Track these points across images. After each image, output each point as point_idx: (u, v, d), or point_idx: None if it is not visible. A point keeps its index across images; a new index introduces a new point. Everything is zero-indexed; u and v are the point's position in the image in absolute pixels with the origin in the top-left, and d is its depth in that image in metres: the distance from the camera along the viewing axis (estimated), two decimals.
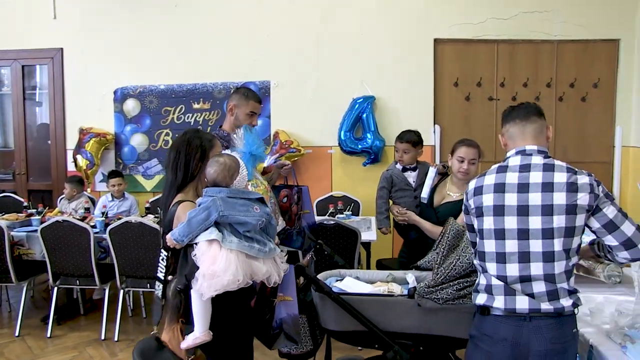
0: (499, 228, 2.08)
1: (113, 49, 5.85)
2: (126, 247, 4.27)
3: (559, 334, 2.05)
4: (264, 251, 2.31)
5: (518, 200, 2.05)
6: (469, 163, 3.35)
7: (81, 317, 4.98)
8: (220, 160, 2.37)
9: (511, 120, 2.24)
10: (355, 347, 3.98)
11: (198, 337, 2.30)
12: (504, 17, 5.55)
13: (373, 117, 5.63)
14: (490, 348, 2.13)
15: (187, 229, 2.25)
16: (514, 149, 2.19)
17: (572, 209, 2.00)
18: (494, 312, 2.11)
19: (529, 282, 2.04)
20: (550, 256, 2.02)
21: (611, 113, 5.68)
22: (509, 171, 2.12)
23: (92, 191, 5.87)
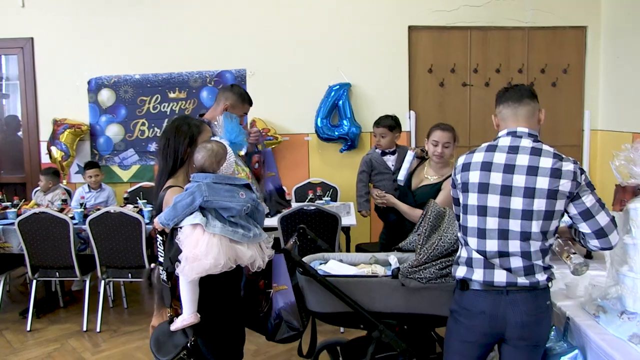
0: (482, 205, 2.16)
1: (86, 39, 5.76)
2: (106, 237, 4.26)
3: (534, 306, 2.15)
4: (248, 236, 2.36)
5: (502, 180, 2.11)
6: (442, 146, 3.42)
7: (61, 310, 4.94)
8: (207, 147, 2.42)
9: (504, 101, 2.29)
10: (338, 330, 4.07)
11: (186, 319, 2.36)
12: (476, 4, 5.65)
13: (349, 103, 5.69)
14: (469, 321, 2.22)
15: (173, 213, 2.30)
16: (506, 129, 2.25)
17: (553, 194, 2.07)
18: (472, 286, 2.20)
19: (507, 257, 2.13)
20: (527, 236, 2.11)
21: (580, 98, 5.84)
22: (498, 151, 2.18)
23: (67, 183, 5.81)
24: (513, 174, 2.11)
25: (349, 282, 2.69)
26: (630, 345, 1.99)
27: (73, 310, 4.90)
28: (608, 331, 2.11)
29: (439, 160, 3.47)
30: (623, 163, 2.17)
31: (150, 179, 5.85)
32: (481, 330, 2.22)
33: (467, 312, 2.23)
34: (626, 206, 2.20)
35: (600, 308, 2.22)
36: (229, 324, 2.55)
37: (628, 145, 2.17)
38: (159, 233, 2.43)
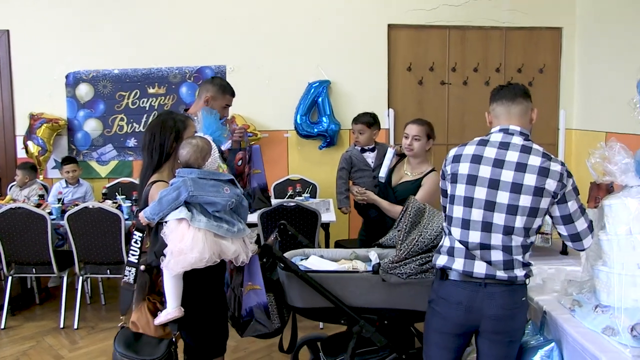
0: (468, 196, 2.21)
1: (64, 32, 5.67)
2: (85, 233, 4.22)
3: (510, 300, 2.19)
4: (233, 231, 2.38)
5: (491, 174, 2.17)
6: (412, 139, 3.48)
7: (36, 307, 4.88)
8: (192, 142, 2.43)
9: (498, 99, 2.32)
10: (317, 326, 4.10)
11: (170, 313, 2.38)
12: (455, 3, 5.71)
13: (328, 101, 5.71)
14: (445, 311, 2.27)
15: (158, 208, 2.32)
16: (498, 126, 2.29)
17: (539, 191, 2.13)
18: (451, 276, 2.24)
19: (488, 250, 2.18)
20: (510, 230, 2.16)
21: (555, 97, 5.95)
22: (489, 145, 2.23)
23: (44, 178, 5.72)
24: (502, 168, 2.16)
25: (330, 278, 2.72)
26: (603, 337, 2.05)
27: (49, 307, 4.84)
28: (583, 324, 2.18)
29: (409, 153, 3.53)
30: (598, 161, 2.23)
31: (128, 174, 5.80)
32: (456, 321, 2.26)
33: (444, 301, 2.27)
34: (600, 203, 2.27)
35: (576, 302, 2.28)
36: (212, 317, 2.56)
37: (603, 143, 2.23)
38: (137, 230, 2.43)
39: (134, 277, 2.43)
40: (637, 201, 2.06)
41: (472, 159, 2.22)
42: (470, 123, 5.82)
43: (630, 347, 1.95)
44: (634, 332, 1.95)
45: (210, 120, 2.84)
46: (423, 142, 3.49)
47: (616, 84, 5.02)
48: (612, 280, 2.09)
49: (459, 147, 2.32)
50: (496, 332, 2.23)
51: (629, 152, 2.15)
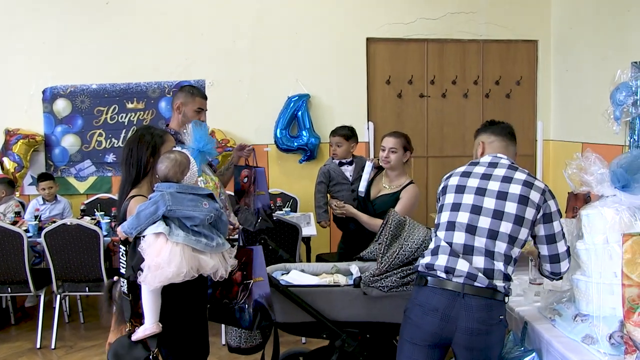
0: (456, 202, 2.31)
1: (41, 47, 5.61)
2: (63, 250, 4.15)
3: (487, 316, 2.16)
4: (211, 245, 2.36)
5: (479, 184, 2.30)
6: (389, 151, 3.52)
7: (12, 327, 4.75)
8: (170, 157, 2.42)
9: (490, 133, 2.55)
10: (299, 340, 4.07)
11: (147, 328, 2.34)
12: (433, 17, 5.77)
13: (308, 114, 5.72)
14: (419, 318, 2.23)
15: (136, 222, 2.30)
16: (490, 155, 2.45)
17: (524, 199, 2.22)
18: (430, 283, 2.23)
19: (471, 254, 2.20)
20: (494, 234, 2.20)
21: (533, 109, 6.03)
22: (479, 165, 2.39)
23: (21, 195, 5.62)
24: (489, 180, 2.30)
25: (311, 292, 2.71)
26: (583, 346, 2.07)
27: (25, 327, 4.73)
28: (564, 333, 2.19)
29: (386, 166, 3.55)
30: (575, 171, 2.26)
31: (107, 190, 5.73)
32: (430, 329, 2.20)
33: (420, 308, 2.24)
34: (578, 213, 2.29)
35: (556, 312, 2.30)
36: (192, 334, 2.53)
37: (579, 154, 2.26)
38: (122, 243, 2.42)
39: (127, 287, 2.40)
40: (612, 211, 2.09)
41: (462, 174, 2.38)
42: (450, 135, 5.87)
43: (608, 354, 1.97)
44: (612, 340, 1.97)
45: (200, 133, 2.83)
46: (400, 154, 3.51)
47: (591, 95, 5.11)
48: (590, 289, 2.11)
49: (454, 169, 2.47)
50: (469, 349, 2.18)
51: (604, 162, 2.18)
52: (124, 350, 2.40)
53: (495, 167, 2.34)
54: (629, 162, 2.14)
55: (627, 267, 1.88)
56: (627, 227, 2.03)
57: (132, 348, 2.38)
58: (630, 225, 2.03)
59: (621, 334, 1.95)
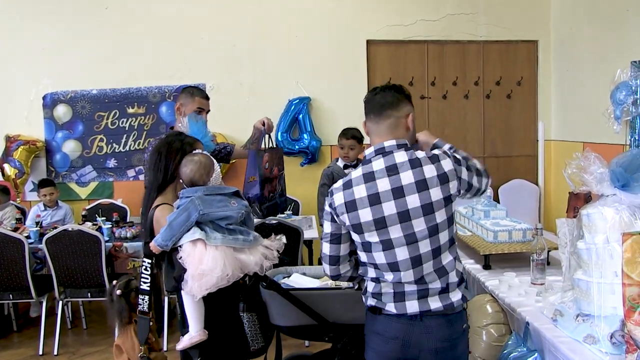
0: (385, 239, 2.01)
1: (41, 53, 5.63)
2: (64, 256, 4.15)
3: (449, 332, 2.06)
4: (249, 240, 2.34)
5: (397, 207, 1.98)
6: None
7: (14, 335, 4.76)
8: (194, 159, 2.39)
9: (367, 113, 2.13)
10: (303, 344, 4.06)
11: (194, 336, 2.32)
12: (432, 18, 5.78)
13: (309, 117, 5.72)
14: (380, 347, 2.11)
15: (170, 233, 2.25)
16: (372, 147, 2.09)
17: (448, 200, 2.01)
18: (385, 311, 2.08)
19: (425, 283, 2.04)
20: (437, 251, 2.02)
21: (534, 109, 6.02)
22: (377, 178, 2.01)
23: (22, 201, 5.64)
24: (405, 196, 1.97)
25: (313, 295, 2.70)
26: (585, 345, 2.06)
27: (28, 334, 4.72)
28: (565, 333, 2.18)
29: None
30: (575, 171, 2.25)
31: (109, 195, 5.74)
32: (393, 356, 2.09)
33: (379, 337, 2.10)
34: (579, 212, 2.28)
35: (558, 312, 2.29)
36: (228, 341, 2.51)
37: (579, 153, 2.25)
38: (145, 256, 2.38)
39: (147, 305, 2.38)
40: (613, 210, 2.07)
41: (370, 201, 1.99)
42: (451, 136, 5.85)
43: (609, 354, 1.96)
44: (613, 339, 1.96)
45: (197, 126, 2.82)
46: None
47: (592, 95, 5.10)
48: (591, 288, 2.10)
49: (343, 190, 2.06)
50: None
51: (603, 161, 2.17)
52: None
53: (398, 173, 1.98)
54: (628, 161, 2.13)
55: (627, 266, 1.87)
56: (627, 226, 2.02)
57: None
58: (631, 225, 2.02)
59: (622, 333, 1.94)
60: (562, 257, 2.54)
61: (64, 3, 5.64)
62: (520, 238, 3.26)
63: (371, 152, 2.07)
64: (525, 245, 3.18)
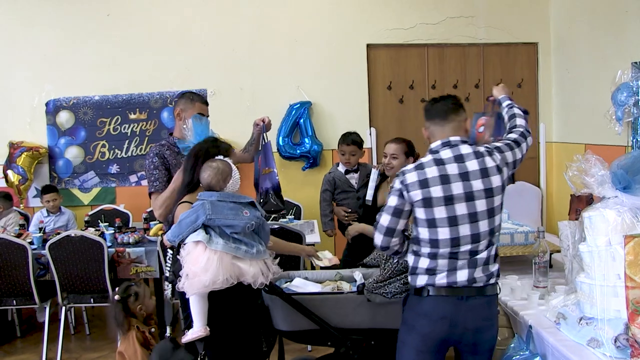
0: (451, 216, 2.23)
1: (43, 60, 5.66)
2: (67, 261, 4.15)
3: (489, 312, 2.29)
4: (251, 252, 2.39)
5: (464, 188, 2.23)
6: (390, 158, 3.52)
7: (18, 340, 4.76)
8: (213, 165, 2.47)
9: (431, 118, 2.39)
10: (305, 348, 4.05)
11: (196, 332, 2.40)
12: (432, 22, 5.79)
13: (310, 122, 5.73)
14: (427, 328, 2.25)
15: (178, 230, 2.39)
16: (439, 140, 2.33)
17: (503, 188, 2.30)
18: (432, 292, 2.24)
19: (476, 257, 2.24)
20: (492, 232, 2.27)
21: (535, 111, 6.02)
22: (447, 163, 2.26)
23: (25, 207, 5.65)
24: (470, 180, 2.24)
25: (315, 300, 2.71)
26: (589, 349, 2.06)
27: (31, 339, 4.72)
28: (568, 337, 2.18)
29: (389, 172, 3.55)
30: (576, 174, 2.25)
31: (111, 201, 5.75)
32: (440, 336, 2.25)
33: (427, 318, 2.26)
34: (581, 215, 2.28)
35: (561, 315, 2.29)
36: (239, 339, 2.54)
37: (579, 156, 2.25)
38: (169, 248, 2.53)
39: (171, 291, 2.51)
40: (614, 212, 2.08)
41: (440, 180, 2.24)
42: None
43: (614, 358, 1.95)
44: (618, 342, 1.95)
45: (201, 128, 2.83)
46: (401, 160, 3.50)
47: (593, 97, 5.10)
48: (594, 291, 2.10)
49: (415, 171, 2.28)
50: (476, 344, 2.29)
51: (604, 163, 2.18)
52: (169, 353, 2.49)
53: (464, 161, 2.26)
54: (629, 163, 2.13)
55: (630, 269, 1.87)
56: (629, 229, 2.02)
57: (176, 351, 2.48)
58: (632, 227, 2.02)
59: (626, 336, 1.94)
60: (565, 260, 2.54)
61: (66, 10, 5.67)
62: (522, 241, 3.26)
63: (438, 145, 2.32)
64: (527, 248, 3.19)
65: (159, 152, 3.03)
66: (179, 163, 3.08)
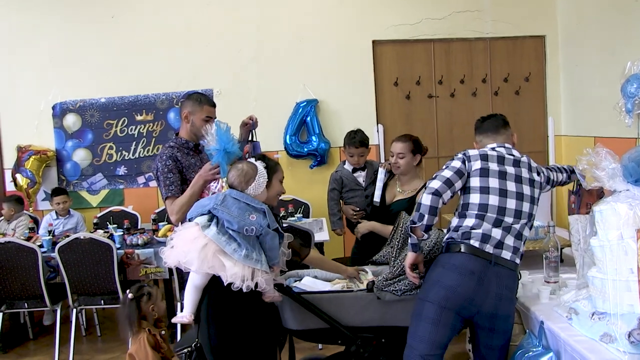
0: (502, 188, 2.47)
1: (49, 63, 5.68)
2: (77, 264, 4.17)
3: (513, 283, 2.43)
4: (239, 254, 2.38)
5: (515, 171, 2.50)
6: (397, 157, 3.47)
7: (30, 343, 4.78)
8: (238, 167, 2.56)
9: (483, 132, 2.71)
10: (316, 346, 4.05)
11: (182, 316, 2.51)
12: (438, 17, 5.75)
13: (317, 119, 5.71)
14: (455, 281, 2.36)
15: (192, 209, 2.54)
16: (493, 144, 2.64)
17: (540, 186, 2.58)
18: (464, 249, 2.41)
19: (508, 232, 2.42)
20: (530, 216, 2.49)
21: (543, 105, 5.98)
22: (502, 153, 2.57)
23: (34, 210, 5.68)
24: (520, 167, 2.53)
25: (324, 298, 2.70)
26: (602, 344, 2.03)
27: (43, 342, 4.74)
28: (581, 332, 2.16)
29: (396, 171, 3.52)
30: (586, 167, 2.23)
31: (119, 203, 5.77)
32: (465, 292, 2.34)
33: (456, 271, 2.37)
34: (592, 209, 2.26)
35: (572, 310, 2.27)
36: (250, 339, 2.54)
37: (589, 149, 2.23)
38: None
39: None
40: (626, 206, 2.05)
41: (497, 159, 2.54)
42: (459, 135, 5.83)
43: (628, 353, 1.93)
44: (631, 338, 1.93)
45: (225, 134, 2.83)
46: (408, 158, 3.46)
47: (601, 89, 5.05)
48: (606, 286, 2.07)
49: (477, 149, 2.62)
50: (494, 315, 2.36)
51: (615, 156, 2.15)
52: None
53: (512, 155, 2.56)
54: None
55: None
56: None
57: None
58: None
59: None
60: (575, 255, 2.52)
61: (71, 13, 5.68)
62: (532, 236, 3.24)
63: (493, 145, 2.64)
64: (538, 242, 3.16)
65: (171, 155, 3.03)
66: (191, 164, 3.08)
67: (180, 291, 4.15)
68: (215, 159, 2.80)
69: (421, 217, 2.41)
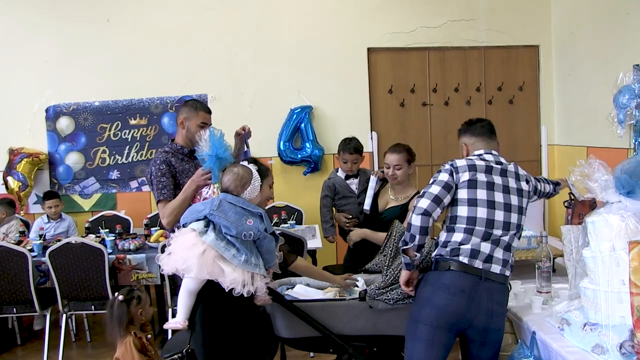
0: (490, 200, 2.45)
1: (43, 65, 5.65)
2: (68, 269, 4.13)
3: (503, 297, 2.41)
4: (239, 259, 2.39)
5: (502, 182, 2.50)
6: (394, 169, 3.48)
7: (18, 348, 4.72)
8: (234, 170, 2.56)
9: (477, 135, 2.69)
10: (308, 355, 4.03)
11: (171, 322, 2.53)
12: (433, 25, 5.77)
13: (311, 126, 5.71)
14: (446, 300, 2.34)
15: (186, 214, 2.54)
16: (482, 150, 2.63)
17: (528, 194, 2.58)
18: (454, 267, 2.37)
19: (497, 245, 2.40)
20: (519, 227, 2.49)
21: (536, 114, 6.01)
22: (489, 162, 2.56)
23: (25, 214, 5.64)
24: (507, 177, 2.52)
25: (317, 306, 2.69)
26: (593, 355, 2.03)
27: (32, 347, 4.69)
28: (573, 343, 2.16)
29: (393, 182, 3.53)
30: (579, 178, 2.24)
31: (112, 207, 5.73)
32: (457, 310, 2.32)
33: (446, 290, 2.35)
34: (584, 220, 2.26)
35: (564, 321, 2.27)
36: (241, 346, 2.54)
37: (582, 161, 2.23)
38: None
39: None
40: (618, 217, 2.06)
41: (485, 169, 2.51)
42: (453, 143, 5.75)
43: None
44: (623, 349, 1.93)
45: (219, 141, 2.84)
46: (405, 169, 3.48)
47: (594, 99, 5.08)
48: (598, 297, 2.07)
49: (464, 159, 2.58)
50: (486, 330, 2.35)
51: (607, 168, 2.16)
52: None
53: (501, 164, 2.55)
54: (633, 168, 2.11)
55: (635, 275, 1.85)
56: (633, 234, 2.00)
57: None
58: (637, 232, 2.00)
59: (632, 343, 1.92)
60: (568, 265, 2.52)
61: (66, 16, 5.66)
62: (524, 245, 3.24)
63: (481, 152, 2.63)
64: (530, 252, 3.17)
65: (165, 159, 3.05)
66: (185, 169, 3.08)
67: (172, 297, 4.13)
68: (207, 165, 2.83)
69: (412, 237, 2.40)
